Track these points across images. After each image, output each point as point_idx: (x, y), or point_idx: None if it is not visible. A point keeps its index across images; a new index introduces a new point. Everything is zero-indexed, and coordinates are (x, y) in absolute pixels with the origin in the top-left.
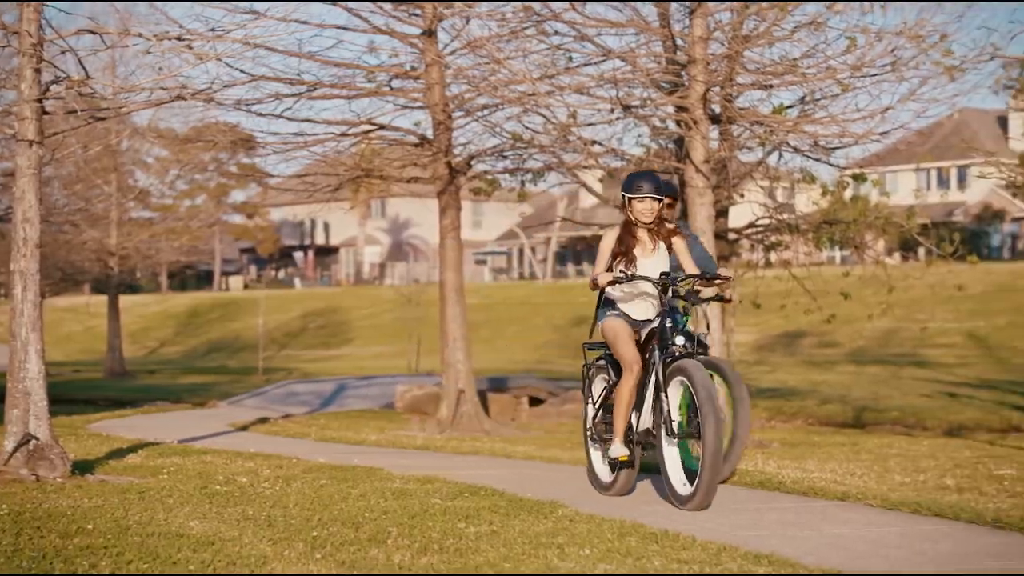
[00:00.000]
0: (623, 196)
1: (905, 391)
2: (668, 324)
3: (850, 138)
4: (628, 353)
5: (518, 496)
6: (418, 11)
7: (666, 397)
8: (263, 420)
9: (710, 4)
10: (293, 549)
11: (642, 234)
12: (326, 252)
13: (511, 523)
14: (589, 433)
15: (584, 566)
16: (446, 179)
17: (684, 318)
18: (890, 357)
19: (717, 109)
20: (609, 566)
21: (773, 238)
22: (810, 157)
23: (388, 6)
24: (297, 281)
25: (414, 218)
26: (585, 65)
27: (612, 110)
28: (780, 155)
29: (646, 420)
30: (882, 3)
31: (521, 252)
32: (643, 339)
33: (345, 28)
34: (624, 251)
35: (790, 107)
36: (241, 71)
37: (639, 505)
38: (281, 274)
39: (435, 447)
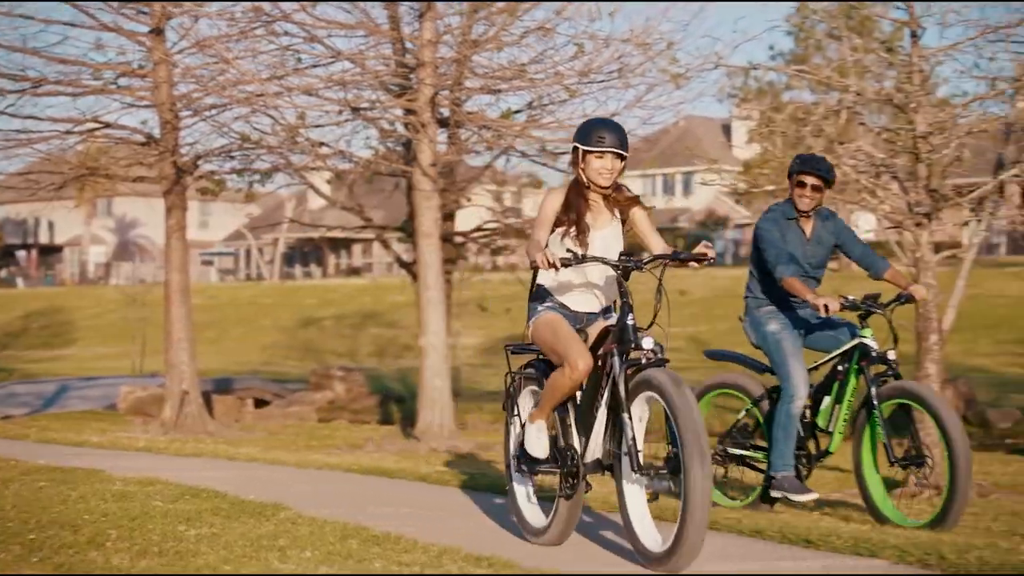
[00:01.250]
0: (576, 148)
1: None
2: (631, 321)
3: None
4: (572, 348)
5: (240, 498)
6: (146, 9)
7: (629, 419)
8: None
9: (439, 7)
10: (9, 552)
11: (595, 199)
12: (50, 251)
13: (232, 526)
14: (514, 463)
15: (305, 568)
16: (172, 179)
17: (863, 331)
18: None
19: (446, 112)
20: (330, 568)
21: (500, 242)
22: (537, 162)
23: (116, 3)
24: (20, 280)
25: (141, 218)
26: (314, 67)
27: (341, 112)
28: (508, 159)
29: (596, 448)
30: (611, 9)
31: (248, 253)
32: (592, 342)
33: (72, 24)
34: (574, 219)
35: (518, 112)
36: None
37: (364, 507)
38: (3, 273)
39: (157, 449)
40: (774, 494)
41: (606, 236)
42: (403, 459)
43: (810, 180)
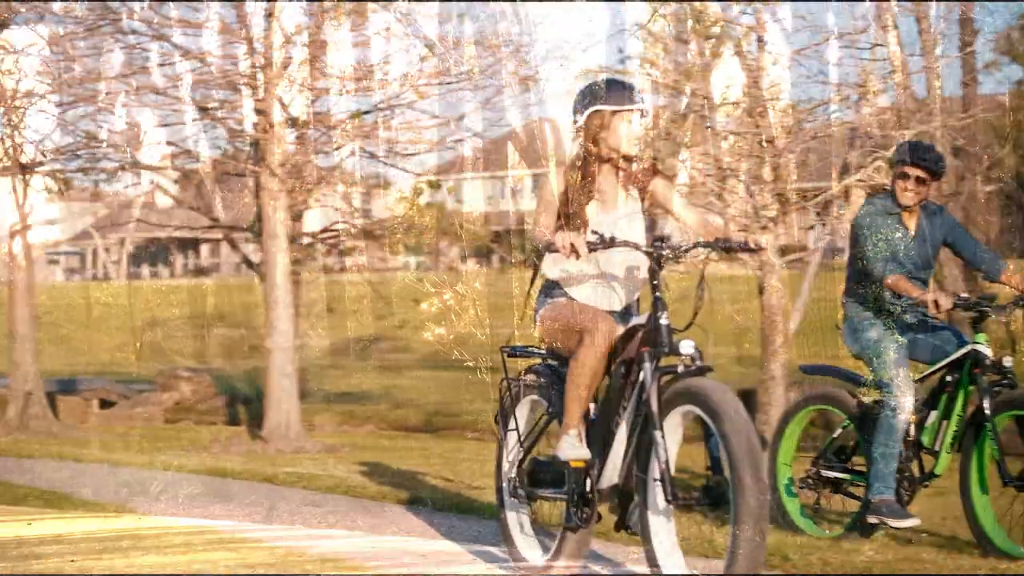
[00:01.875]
0: (596, 113)
1: (485, 396)
2: (665, 321)
3: (425, 144)
4: (590, 313)
5: (85, 500)
6: None
7: (663, 437)
8: None
9: (288, 6)
10: None
11: (606, 175)
12: None
13: (76, 527)
14: (508, 486)
15: (151, 570)
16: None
17: (977, 337)
18: (470, 362)
19: (295, 112)
20: (175, 570)
21: (349, 243)
22: (386, 163)
23: None
24: None
25: None
26: (162, 65)
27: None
28: (357, 160)
29: (614, 471)
30: (460, 11)
31: (95, 252)
32: (616, 346)
33: None
34: (575, 210)
35: (367, 112)
36: None
37: (210, 508)
38: None
39: (1, 451)
40: (871, 519)
41: (619, 219)
42: (250, 460)
43: (914, 172)
